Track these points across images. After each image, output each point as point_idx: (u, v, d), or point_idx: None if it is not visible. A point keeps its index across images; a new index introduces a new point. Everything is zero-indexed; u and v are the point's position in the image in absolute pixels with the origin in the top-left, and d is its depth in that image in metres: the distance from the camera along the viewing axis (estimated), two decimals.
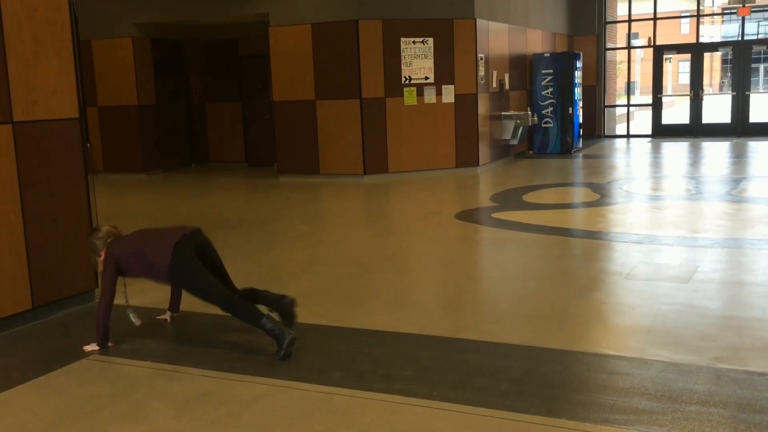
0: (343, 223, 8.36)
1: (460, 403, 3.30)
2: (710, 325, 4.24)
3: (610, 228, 7.38)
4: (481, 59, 11.65)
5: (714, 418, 3.06)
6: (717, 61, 34.08)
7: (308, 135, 11.39)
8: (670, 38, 20.67)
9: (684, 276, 5.24)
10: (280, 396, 3.47)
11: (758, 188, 9.32)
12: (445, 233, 7.37)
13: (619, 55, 18.62)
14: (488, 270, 6.18)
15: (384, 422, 3.17)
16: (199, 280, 4.08)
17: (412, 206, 9.12)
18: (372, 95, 11.04)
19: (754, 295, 4.85)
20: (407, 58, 11.09)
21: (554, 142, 14.01)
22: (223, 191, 11.34)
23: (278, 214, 8.91)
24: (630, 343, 4.06)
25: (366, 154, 11.14)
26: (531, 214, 8.10)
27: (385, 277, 5.74)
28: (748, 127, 15.78)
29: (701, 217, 7.73)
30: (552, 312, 4.64)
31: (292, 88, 11.37)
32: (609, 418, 3.10)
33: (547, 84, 13.91)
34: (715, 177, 10.36)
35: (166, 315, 4.70)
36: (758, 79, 31.78)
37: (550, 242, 6.75)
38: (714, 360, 3.68)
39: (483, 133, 11.80)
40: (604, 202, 8.74)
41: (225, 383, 3.65)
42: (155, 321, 4.69)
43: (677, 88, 32.71)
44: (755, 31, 29.81)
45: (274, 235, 7.61)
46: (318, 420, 3.21)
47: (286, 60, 11.35)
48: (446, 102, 11.37)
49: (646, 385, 3.41)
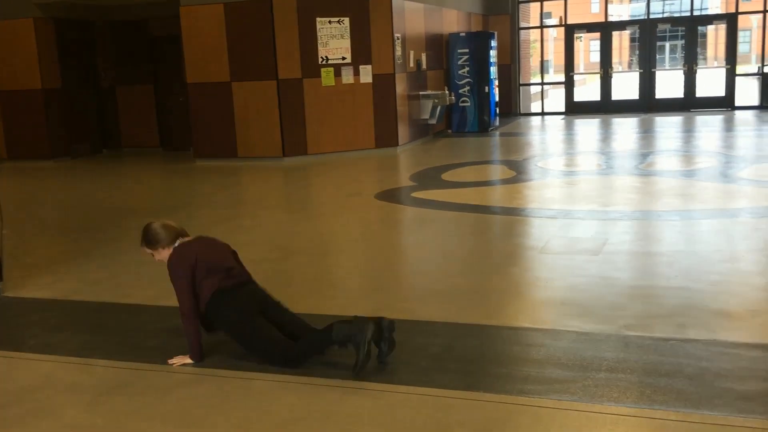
0: (262, 206, 8.25)
1: (380, 383, 3.32)
2: (619, 294, 4.41)
3: (526, 204, 7.56)
4: (398, 39, 11.66)
5: (622, 384, 3.19)
6: (626, 39, 35.28)
7: (225, 117, 11.16)
8: (581, 17, 21.24)
9: (595, 249, 5.43)
10: (197, 384, 3.41)
11: (664, 162, 9.72)
12: (366, 214, 7.39)
13: (533, 35, 18.99)
14: (409, 249, 6.24)
15: (303, 405, 3.16)
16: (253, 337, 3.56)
17: (333, 188, 9.09)
18: (289, 76, 10.90)
19: (660, 264, 5.07)
20: (324, 38, 10.99)
21: (472, 120, 14.20)
22: (136, 177, 11.01)
23: (195, 200, 8.72)
24: (544, 316, 4.18)
25: (285, 136, 11.01)
26: (450, 192, 8.20)
27: (306, 260, 5.71)
28: (655, 102, 16.43)
29: (611, 191, 8.01)
30: (471, 288, 4.73)
31: (207, 70, 11.10)
32: (524, 389, 3.19)
33: (464, 63, 14.06)
34: (625, 152, 10.75)
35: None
36: (664, 56, 33.09)
37: (468, 220, 6.86)
38: (622, 328, 3.83)
39: (402, 113, 11.84)
40: (521, 178, 8.94)
41: (140, 374, 3.56)
42: (67, 312, 4.52)
43: (589, 66, 33.70)
44: (660, 10, 30.97)
45: (191, 221, 7.43)
46: (236, 407, 3.17)
47: (199, 41, 11.05)
48: (364, 82, 11.33)
49: (559, 355, 3.52)
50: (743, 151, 10.34)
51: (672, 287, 4.50)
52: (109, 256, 5.95)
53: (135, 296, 4.83)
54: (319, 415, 3.06)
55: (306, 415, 3.07)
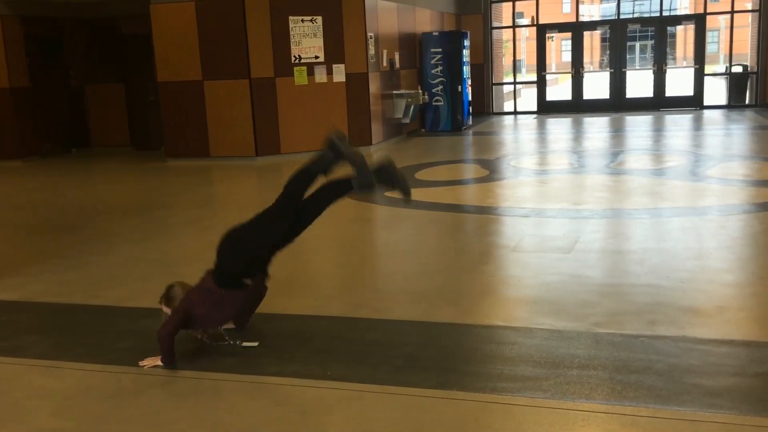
0: (235, 206, 8.19)
1: (354, 381, 3.32)
2: (590, 292, 4.46)
3: (499, 203, 7.61)
4: (371, 38, 11.65)
5: (593, 381, 3.22)
6: (597, 39, 35.62)
7: (197, 116, 11.07)
8: (553, 17, 21.40)
9: (567, 247, 5.47)
10: (169, 386, 3.37)
11: (634, 161, 9.84)
12: (339, 213, 7.36)
13: (505, 34, 19.09)
14: (382, 248, 6.24)
15: (276, 406, 3.15)
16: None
17: None
18: (261, 75, 10.84)
19: (630, 262, 5.13)
20: (296, 37, 10.94)
21: (445, 119, 14.24)
22: (107, 176, 10.88)
23: (167, 199, 8.64)
24: (517, 314, 4.21)
25: (257, 135, 10.95)
26: (423, 191, 8.22)
27: (278, 260, 5.65)
28: (625, 102, 16.62)
29: (583, 189, 8.09)
30: (444, 287, 4.74)
31: (178, 69, 11.00)
32: (497, 387, 3.20)
33: (437, 62, 14.10)
34: (596, 151, 10.86)
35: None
36: (634, 56, 33.49)
37: (442, 219, 6.88)
38: (594, 325, 3.87)
39: (375, 112, 11.84)
40: (494, 177, 8.99)
41: (110, 376, 3.51)
42: (36, 314, 4.45)
43: (560, 66, 33.99)
44: (631, 10, 31.33)
45: (163, 221, 7.37)
46: (209, 408, 3.15)
47: (170, 39, 10.95)
48: (337, 81, 11.31)
49: (531, 353, 3.55)
50: (711, 149, 10.51)
51: (642, 285, 4.55)
52: (79, 257, 5.86)
53: (105, 297, 4.77)
54: (293, 416, 3.05)
55: (279, 416, 3.06)
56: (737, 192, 7.40)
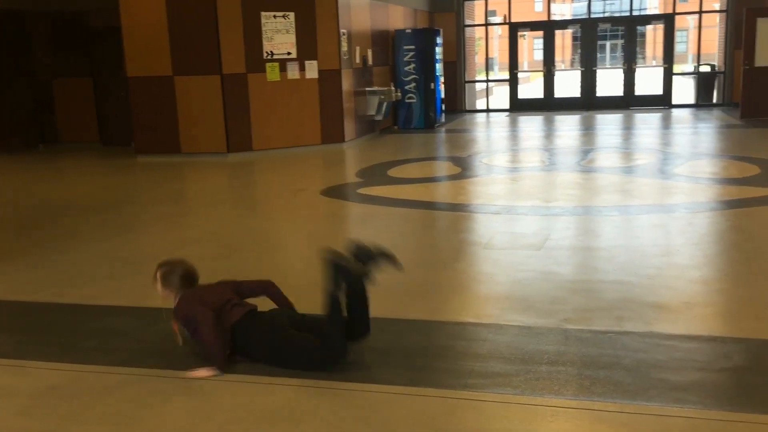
0: (206, 203, 8.13)
1: (324, 379, 3.30)
2: (560, 289, 4.49)
3: (471, 200, 7.64)
4: (344, 34, 11.62)
5: (562, 376, 3.25)
6: (568, 38, 35.93)
7: (167, 112, 10.94)
8: (525, 16, 21.53)
9: (537, 244, 5.51)
10: (135, 385, 3.33)
11: (604, 159, 9.94)
12: (311, 210, 7.35)
13: (478, 32, 19.17)
14: None
15: (246, 405, 3.12)
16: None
17: (278, 184, 9.01)
18: (233, 71, 10.75)
19: (599, 259, 5.18)
20: (268, 33, 10.87)
21: (418, 117, 14.26)
22: (75, 173, 10.72)
23: (137, 196, 8.54)
24: (488, 311, 4.23)
25: (229, 132, 10.87)
26: (396, 188, 8.22)
27: (250, 257, 5.64)
28: (596, 100, 16.79)
29: (553, 187, 8.15)
30: (416, 284, 4.74)
31: (148, 64, 10.87)
32: (467, 383, 3.22)
33: (410, 60, 14.11)
34: (567, 149, 10.95)
35: None
36: (605, 55, 33.84)
37: (414, 216, 6.89)
38: (563, 322, 3.90)
39: (348, 109, 11.82)
40: (466, 175, 9.02)
41: (77, 375, 3.46)
42: (0, 313, 4.37)
43: (532, 64, 34.24)
44: (601, 10, 31.66)
45: (133, 218, 7.28)
46: (176, 407, 3.11)
47: (139, 33, 10.81)
48: (310, 78, 11.27)
49: (502, 350, 3.56)
50: (680, 148, 10.66)
51: (611, 281, 4.60)
52: (45, 254, 5.77)
53: (71, 296, 4.70)
54: (263, 415, 3.03)
55: (249, 415, 3.03)
56: (704, 189, 7.52)
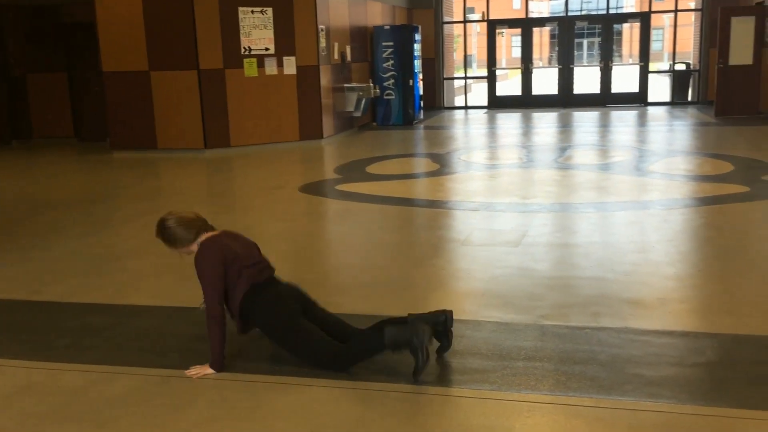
0: (183, 199, 8.07)
1: (302, 376, 3.29)
2: (537, 285, 4.53)
3: (449, 197, 7.66)
4: (322, 30, 11.59)
5: (539, 372, 3.27)
6: (546, 36, 36.15)
7: (143, 108, 10.85)
8: (503, 13, 21.60)
9: (515, 240, 5.55)
10: (112, 383, 3.30)
11: (581, 156, 10.02)
12: (290, 207, 7.32)
13: (456, 29, 19.22)
14: (333, 242, 6.22)
15: (222, 402, 3.11)
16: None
17: (256, 180, 8.97)
18: (210, 66, 10.68)
19: (576, 255, 5.23)
20: (246, 29, 10.81)
21: (396, 113, 14.27)
22: (50, 169, 10.57)
23: (112, 192, 8.45)
24: (465, 307, 4.24)
25: (206, 128, 10.80)
26: (374, 185, 8.23)
27: None
28: (573, 98, 16.91)
29: (531, 184, 8.20)
30: (394, 280, 4.75)
31: (124, 59, 10.76)
32: (445, 379, 3.23)
33: (388, 56, 14.11)
34: (544, 146, 11.02)
35: None
36: (582, 53, 34.07)
37: (392, 212, 6.89)
38: (540, 318, 3.93)
39: (326, 105, 11.79)
40: (444, 171, 9.05)
41: (52, 373, 3.42)
42: None
43: (510, 62, 34.38)
44: (579, 8, 31.87)
45: (109, 215, 7.21)
46: (153, 405, 3.09)
47: (115, 28, 10.69)
48: (288, 74, 11.22)
49: (479, 346, 3.58)
50: (655, 145, 10.77)
51: (587, 277, 4.65)
52: (20, 252, 5.69)
53: (47, 293, 4.65)
54: (240, 412, 3.02)
55: (226, 413, 3.02)
56: (679, 187, 7.61)
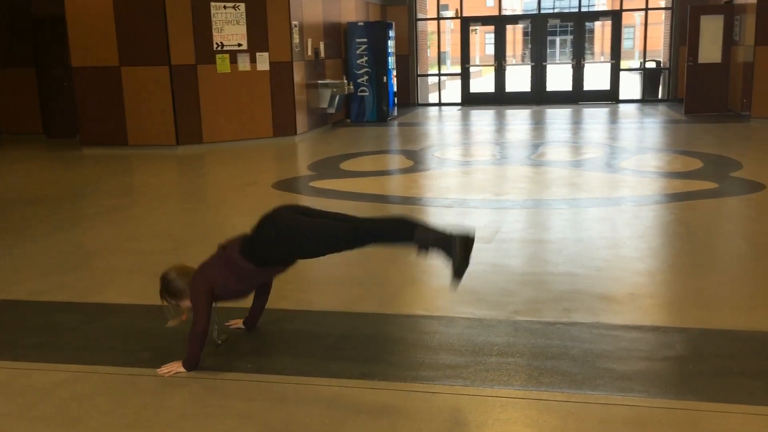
0: (155, 196, 7.98)
1: (275, 373, 3.28)
2: (510, 281, 4.55)
3: (423, 193, 7.67)
4: (296, 26, 11.53)
5: (511, 367, 3.29)
6: (519, 33, 36.31)
7: (114, 103, 10.71)
8: (477, 10, 21.67)
9: (488, 237, 5.57)
10: (81, 382, 3.26)
11: (554, 152, 10.09)
12: (262, 204, 7.24)
13: (430, 26, 19.24)
14: None
15: (194, 401, 3.09)
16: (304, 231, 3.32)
17: (228, 177, 8.90)
18: (182, 62, 10.57)
19: (548, 251, 5.26)
20: (218, 24, 10.72)
21: (370, 110, 14.26)
22: (18, 165, 10.40)
23: (82, 189, 8.33)
24: (438, 303, 4.26)
25: (178, 124, 10.69)
26: (348, 181, 8.21)
27: (200, 252, 5.52)
28: (546, 95, 17.04)
29: (504, 180, 8.24)
30: (367, 277, 4.75)
31: (94, 54, 10.61)
32: (418, 376, 3.23)
33: (362, 53, 14.09)
34: (517, 143, 11.08)
35: (235, 322, 3.88)
36: (554, 51, 34.33)
37: (366, 209, 6.88)
38: (513, 313, 3.96)
39: (300, 102, 11.74)
40: (418, 168, 9.06)
41: (18, 373, 3.37)
42: None
43: (484, 59, 34.52)
44: (551, 6, 32.08)
45: (78, 212, 7.10)
46: (123, 404, 3.05)
47: (85, 22, 10.54)
48: (261, 70, 11.16)
49: (452, 342, 3.59)
50: (626, 142, 10.89)
51: (559, 273, 4.68)
52: None
53: (16, 292, 4.57)
54: (212, 411, 2.99)
55: (198, 411, 3.00)
56: (650, 183, 7.70)
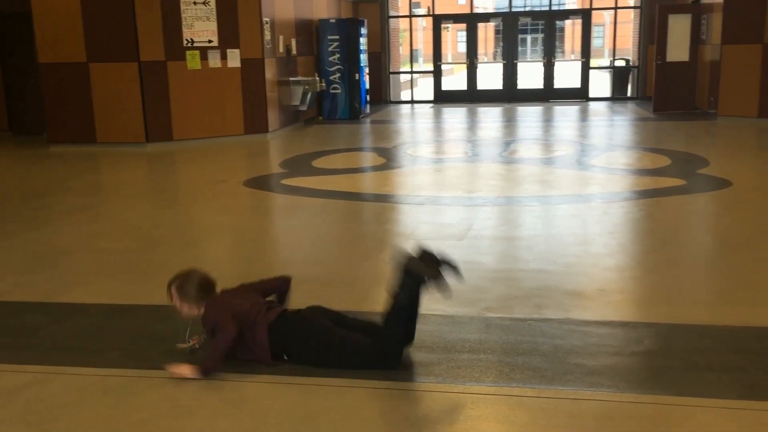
0: (124, 194, 7.88)
1: (247, 373, 3.26)
2: (482, 278, 4.57)
3: (396, 191, 7.68)
4: (267, 23, 11.46)
5: (483, 364, 3.31)
6: (491, 31, 36.48)
7: (82, 100, 10.55)
8: (448, 8, 21.73)
9: (460, 234, 5.59)
10: (49, 383, 3.21)
11: (525, 150, 10.17)
12: (234, 202, 7.23)
13: (402, 23, 19.25)
14: (278, 237, 6.16)
15: (163, 401, 3.05)
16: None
17: (199, 175, 8.83)
18: (151, 58, 10.45)
19: (520, 248, 5.30)
20: (188, 20, 10.61)
21: (342, 107, 14.23)
22: None
23: (49, 188, 8.20)
24: None
25: (148, 121, 10.56)
26: (320, 179, 8.19)
27: (170, 250, 5.51)
28: (517, 93, 17.14)
29: (476, 177, 8.28)
30: (340, 275, 4.74)
31: (61, 50, 10.44)
32: (390, 372, 3.23)
33: (334, 50, 14.05)
34: (489, 140, 11.14)
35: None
36: (526, 49, 34.57)
37: (339, 207, 6.87)
38: (484, 310, 3.97)
39: (271, 99, 11.67)
40: (390, 165, 9.06)
41: None
42: None
43: (456, 57, 34.63)
44: (523, 4, 32.29)
45: (45, 211, 6.99)
46: (91, 405, 3.01)
47: (52, 18, 10.37)
48: (232, 66, 11.07)
49: (425, 339, 3.60)
50: (596, 140, 11.00)
51: (530, 270, 4.72)
52: None
53: None
54: (181, 411, 2.96)
55: (167, 411, 2.97)
56: (619, 180, 7.79)
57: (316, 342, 3.28)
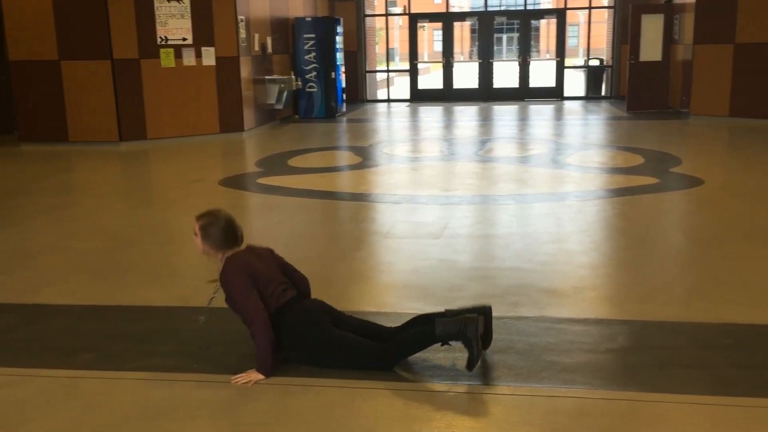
0: (97, 194, 7.79)
1: (221, 373, 3.23)
2: (458, 276, 4.58)
3: (372, 189, 7.67)
4: (242, 21, 11.39)
5: (458, 362, 3.30)
6: (467, 30, 36.63)
7: (53, 98, 10.40)
8: (425, 7, 21.77)
9: (436, 232, 5.60)
10: (18, 386, 3.15)
11: (501, 149, 10.21)
12: (209, 201, 7.17)
13: (379, 22, 19.25)
14: (253, 236, 6.07)
15: (136, 401, 3.02)
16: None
17: (174, 174, 8.75)
18: (125, 56, 10.33)
19: (495, 246, 5.32)
20: (162, 18, 10.51)
21: (319, 106, 14.19)
22: None
23: (20, 187, 8.07)
24: (387, 299, 4.26)
25: (121, 120, 10.45)
26: (296, 178, 8.15)
27: (144, 250, 5.45)
28: (493, 92, 17.22)
29: (452, 176, 8.30)
30: (316, 274, 4.66)
31: (32, 47, 10.29)
32: (364, 374, 3.21)
33: (310, 48, 14.00)
34: (465, 139, 11.17)
35: None
36: (501, 48, 34.73)
37: (315, 206, 6.85)
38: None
39: (247, 98, 11.60)
40: (367, 164, 9.05)
41: None
42: None
43: (432, 56, 34.72)
44: (498, 3, 32.44)
45: (16, 210, 6.88)
46: (62, 407, 2.97)
47: (22, 14, 10.21)
48: (207, 65, 10.98)
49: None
50: (571, 138, 11.08)
51: (506, 268, 4.73)
52: None
53: None
54: (154, 413, 2.93)
55: (139, 414, 2.93)
56: (593, 179, 7.86)
57: (313, 340, 3.26)
